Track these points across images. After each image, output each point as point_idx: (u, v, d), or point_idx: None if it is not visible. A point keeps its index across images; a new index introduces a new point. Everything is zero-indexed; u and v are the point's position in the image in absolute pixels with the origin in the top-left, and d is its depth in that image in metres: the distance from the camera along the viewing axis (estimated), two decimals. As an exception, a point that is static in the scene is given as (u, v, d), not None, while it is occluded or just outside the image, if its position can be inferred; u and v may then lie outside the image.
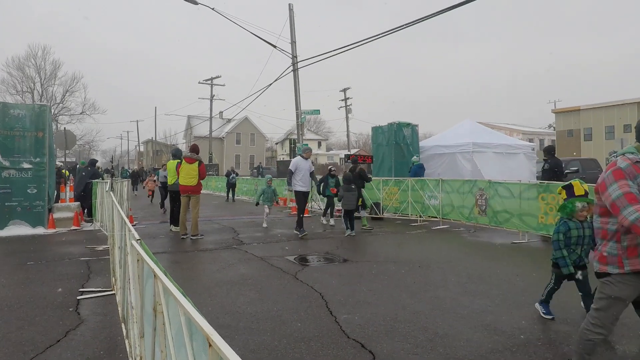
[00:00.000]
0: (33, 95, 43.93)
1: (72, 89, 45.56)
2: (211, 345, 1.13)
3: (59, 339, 3.80)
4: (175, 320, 1.64)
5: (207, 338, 1.15)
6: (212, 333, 1.14)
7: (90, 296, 5.05)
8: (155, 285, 1.92)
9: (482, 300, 4.79)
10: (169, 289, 1.63)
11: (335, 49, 14.53)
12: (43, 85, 44.65)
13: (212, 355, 1.13)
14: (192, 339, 1.41)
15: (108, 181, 10.74)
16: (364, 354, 3.47)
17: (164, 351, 1.83)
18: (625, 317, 4.10)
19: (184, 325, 1.44)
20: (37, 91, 44.42)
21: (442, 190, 11.25)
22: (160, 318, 1.88)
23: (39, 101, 42.29)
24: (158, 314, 1.91)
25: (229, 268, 6.45)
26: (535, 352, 3.47)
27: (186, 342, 1.41)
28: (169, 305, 1.74)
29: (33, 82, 44.18)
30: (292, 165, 9.82)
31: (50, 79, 44.89)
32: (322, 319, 4.25)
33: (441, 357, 3.40)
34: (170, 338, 1.70)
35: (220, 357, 1.07)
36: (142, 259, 2.28)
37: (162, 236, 9.67)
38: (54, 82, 45.08)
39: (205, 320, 1.24)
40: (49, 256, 7.45)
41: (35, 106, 11.00)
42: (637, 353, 3.49)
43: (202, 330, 1.18)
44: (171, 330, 1.71)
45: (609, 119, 47.41)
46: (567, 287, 5.34)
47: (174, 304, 1.60)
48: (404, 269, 6.29)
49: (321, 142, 73.76)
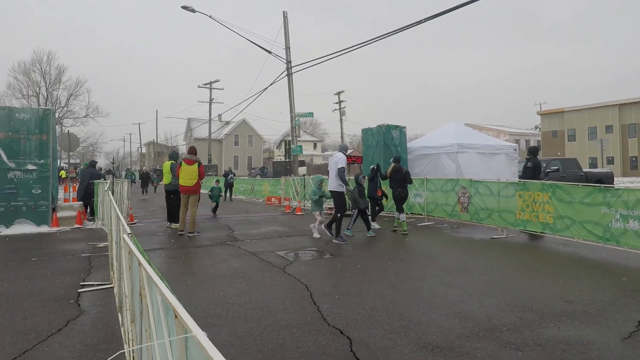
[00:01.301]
0: (38, 99, 44.74)
1: (76, 92, 46.74)
2: (177, 317, 1.41)
3: (60, 328, 4.10)
4: (155, 301, 1.93)
5: (174, 310, 1.43)
6: (177, 306, 1.42)
7: (91, 289, 5.35)
8: (140, 272, 2.20)
9: (456, 291, 5.09)
10: (150, 275, 1.92)
11: (328, 54, 14.95)
12: (48, 89, 45.66)
13: (177, 325, 1.42)
14: (167, 315, 1.69)
15: (109, 181, 11.06)
16: (341, 339, 3.76)
17: (147, 330, 2.11)
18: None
19: (160, 305, 1.73)
20: (43, 95, 45.35)
21: (426, 188, 11.71)
22: (144, 301, 2.17)
23: (44, 105, 43.00)
24: (143, 297, 2.19)
25: (222, 263, 6.74)
26: (500, 337, 3.75)
27: (162, 318, 1.70)
28: (151, 289, 2.03)
29: (38, 86, 45.28)
30: (344, 162, 8.83)
31: (55, 84, 45.95)
32: (306, 308, 4.54)
33: (413, 341, 3.69)
34: (152, 318, 1.99)
35: (184, 325, 1.35)
36: (132, 251, 2.56)
37: (160, 234, 9.98)
38: (58, 87, 46.22)
39: (174, 297, 1.52)
40: (52, 253, 7.76)
41: (39, 110, 11.32)
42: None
43: (170, 304, 1.46)
44: (152, 311, 1.99)
45: (592, 121, 49.12)
46: (535, 278, 5.65)
47: (154, 287, 1.88)
48: (387, 263, 6.59)
49: (316, 144, 74.85)
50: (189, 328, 1.28)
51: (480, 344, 3.62)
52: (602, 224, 7.03)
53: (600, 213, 7.04)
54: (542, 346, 3.55)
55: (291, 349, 3.58)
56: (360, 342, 3.68)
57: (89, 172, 13.34)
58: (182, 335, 1.38)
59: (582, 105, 50.04)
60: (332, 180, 8.80)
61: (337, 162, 8.70)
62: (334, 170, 8.75)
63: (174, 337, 1.49)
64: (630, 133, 45.90)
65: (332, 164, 8.87)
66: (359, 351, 3.51)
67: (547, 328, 3.91)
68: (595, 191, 7.22)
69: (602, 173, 18.41)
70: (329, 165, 9.03)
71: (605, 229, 6.96)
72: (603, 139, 32.31)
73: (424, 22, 11.13)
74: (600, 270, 5.93)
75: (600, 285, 5.31)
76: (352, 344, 3.66)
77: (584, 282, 5.46)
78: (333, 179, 8.75)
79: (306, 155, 55.20)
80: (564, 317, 4.19)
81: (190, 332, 1.27)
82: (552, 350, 3.46)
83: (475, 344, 3.60)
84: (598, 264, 6.46)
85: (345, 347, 3.59)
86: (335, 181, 8.69)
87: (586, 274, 5.82)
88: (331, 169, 8.86)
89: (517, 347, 3.54)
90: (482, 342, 3.65)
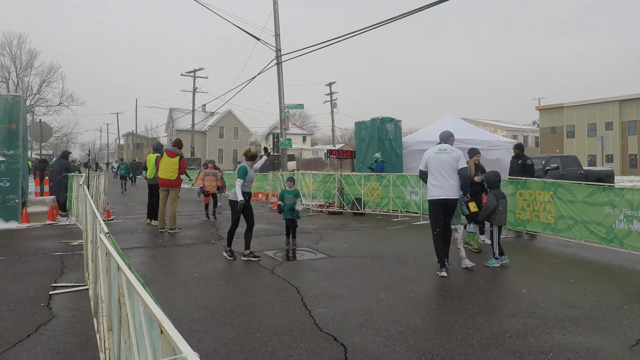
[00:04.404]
0: (8, 85, 42.58)
1: (49, 79, 44.15)
2: (162, 332, 1.15)
3: (30, 334, 3.76)
4: (137, 312, 1.66)
5: (160, 325, 1.17)
6: (164, 320, 1.16)
7: (63, 291, 4.99)
8: (119, 278, 1.92)
9: (454, 294, 4.90)
10: (131, 282, 1.64)
11: (319, 43, 14.58)
12: (19, 75, 43.28)
13: (163, 341, 1.16)
14: (150, 327, 1.43)
15: (84, 174, 10.57)
16: (335, 346, 3.53)
17: (127, 342, 1.84)
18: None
19: (143, 316, 1.46)
20: (13, 81, 43.06)
21: (422, 185, 11.38)
22: (124, 310, 1.89)
23: (14, 92, 40.90)
24: (122, 305, 1.92)
25: (206, 263, 6.43)
26: (503, 344, 3.57)
27: (144, 331, 1.43)
28: (132, 298, 1.75)
29: (8, 71, 42.81)
30: (464, 161, 6.12)
31: (26, 69, 43.55)
32: (297, 313, 4.29)
33: (411, 349, 3.48)
34: (133, 329, 1.72)
35: (171, 343, 1.09)
36: (110, 252, 2.27)
37: (139, 231, 9.57)
38: (30, 72, 43.71)
39: (159, 310, 1.26)
40: (21, 251, 7.31)
41: (8, 97, 10.67)
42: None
43: (155, 318, 1.20)
44: (134, 322, 1.72)
45: (591, 117, 47.95)
46: (536, 280, 5.51)
47: (136, 296, 1.61)
48: (381, 264, 6.38)
49: (306, 137, 73.57)
50: (178, 348, 1.04)
51: (482, 352, 3.43)
52: (605, 225, 6.87)
53: (604, 213, 6.88)
54: (546, 354, 3.38)
55: (281, 356, 3.34)
56: (356, 350, 3.45)
57: (59, 164, 12.74)
58: (170, 357, 1.13)
59: (582, 101, 48.88)
60: (445, 183, 5.86)
61: (458, 159, 5.97)
62: (451, 170, 5.90)
63: (159, 353, 1.24)
64: (631, 130, 44.86)
65: (450, 159, 5.95)
66: (354, 359, 3.28)
67: (552, 334, 3.75)
68: (599, 190, 7.09)
69: (602, 171, 18.04)
70: (435, 163, 6.00)
71: (609, 229, 6.80)
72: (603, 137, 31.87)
73: (417, 11, 10.96)
74: (603, 273, 5.81)
75: (604, 289, 5.19)
76: (346, 351, 3.44)
77: (587, 285, 5.33)
78: (449, 182, 5.87)
79: (295, 149, 54.37)
80: (568, 322, 4.04)
81: (179, 353, 1.03)
82: (557, 359, 3.29)
83: (477, 352, 3.41)
84: (601, 266, 6.32)
85: (339, 355, 3.37)
86: (454, 186, 5.89)
87: (589, 277, 5.70)
88: (444, 168, 5.91)
89: (521, 355, 3.37)
90: (484, 350, 3.47)
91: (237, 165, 6.93)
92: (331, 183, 14.10)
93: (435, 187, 5.90)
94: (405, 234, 9.37)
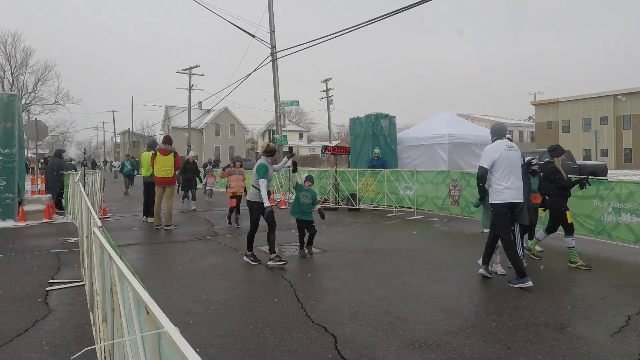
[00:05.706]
0: (3, 84, 42.33)
1: (44, 77, 43.88)
2: (148, 313, 1.23)
3: (27, 329, 3.84)
4: (127, 298, 1.74)
5: (146, 306, 1.25)
6: (149, 301, 1.24)
7: (60, 287, 5.06)
8: (111, 267, 2.00)
9: (445, 286, 5.00)
10: (122, 270, 1.72)
11: (315, 39, 14.57)
12: (14, 73, 43.00)
13: (149, 322, 1.24)
14: (139, 312, 1.51)
15: (79, 173, 10.61)
16: (326, 336, 3.62)
17: (119, 328, 1.92)
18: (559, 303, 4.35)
19: (132, 301, 1.54)
20: (8, 80, 42.81)
21: (416, 181, 11.49)
22: (115, 298, 1.97)
23: (10, 90, 40.65)
24: (114, 294, 2.00)
25: (201, 258, 6.51)
26: (489, 332, 3.67)
27: (134, 315, 1.51)
28: (122, 284, 1.83)
29: (3, 70, 42.55)
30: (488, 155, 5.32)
31: (21, 67, 43.20)
32: (289, 305, 4.37)
33: (399, 338, 3.57)
34: (123, 315, 1.80)
35: (155, 322, 1.18)
36: (103, 245, 2.35)
37: (135, 228, 9.64)
38: (25, 71, 43.38)
39: (146, 293, 1.34)
40: (18, 249, 7.37)
41: (4, 96, 10.69)
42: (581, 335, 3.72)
43: (142, 299, 1.28)
44: (124, 308, 1.80)
45: (586, 112, 47.96)
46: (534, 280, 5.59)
47: (125, 283, 1.69)
48: (374, 258, 6.47)
49: (302, 134, 73.51)
50: (160, 324, 1.13)
51: (468, 340, 3.52)
52: (594, 217, 7.00)
53: (592, 206, 7.01)
54: (531, 342, 3.48)
55: (273, 347, 3.42)
56: (345, 340, 3.54)
57: (54, 162, 12.75)
58: (155, 331, 1.21)
59: (577, 96, 48.85)
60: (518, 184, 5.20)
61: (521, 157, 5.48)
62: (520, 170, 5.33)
63: (145, 332, 1.33)
64: (625, 125, 44.77)
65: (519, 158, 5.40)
66: (344, 349, 3.37)
67: (537, 324, 3.84)
68: None
69: (595, 166, 18.16)
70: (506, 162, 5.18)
71: (597, 222, 6.94)
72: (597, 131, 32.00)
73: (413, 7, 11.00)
74: (591, 264, 5.91)
75: (591, 279, 5.31)
76: (337, 341, 3.52)
77: (575, 276, 5.46)
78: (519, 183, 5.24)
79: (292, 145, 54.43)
80: (554, 312, 4.14)
81: (162, 328, 1.12)
82: (540, 346, 3.39)
83: (463, 341, 3.51)
84: (589, 258, 6.41)
85: (329, 345, 3.45)
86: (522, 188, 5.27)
87: (576, 268, 5.81)
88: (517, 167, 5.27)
89: (507, 343, 3.46)
90: (471, 338, 3.56)
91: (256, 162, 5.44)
92: (326, 179, 14.18)
93: (507, 189, 5.09)
94: (399, 229, 9.46)
